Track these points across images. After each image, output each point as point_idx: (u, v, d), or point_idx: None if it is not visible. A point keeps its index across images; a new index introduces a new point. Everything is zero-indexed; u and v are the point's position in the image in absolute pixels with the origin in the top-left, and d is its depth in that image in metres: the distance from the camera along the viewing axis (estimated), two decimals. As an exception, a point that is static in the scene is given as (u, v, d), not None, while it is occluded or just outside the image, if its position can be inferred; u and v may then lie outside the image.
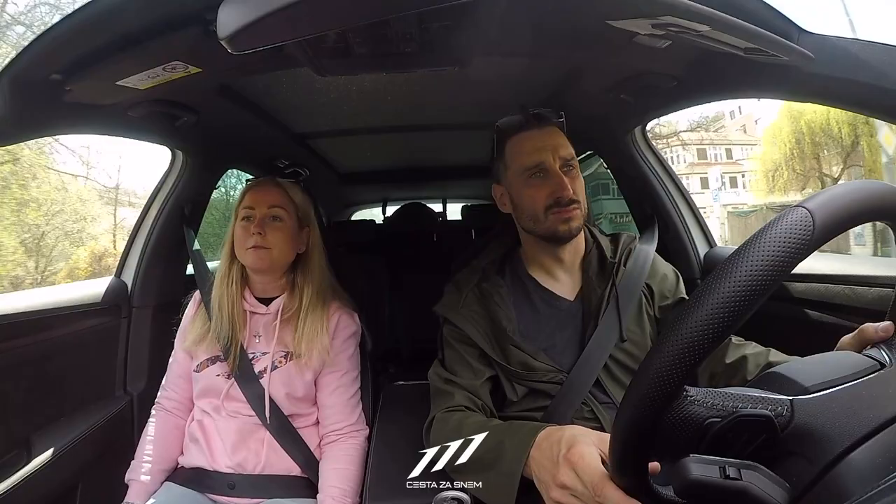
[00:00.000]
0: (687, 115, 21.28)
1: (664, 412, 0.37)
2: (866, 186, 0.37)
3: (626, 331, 0.83)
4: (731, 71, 0.80)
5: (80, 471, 1.04)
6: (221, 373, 0.97)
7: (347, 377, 1.02)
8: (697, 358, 0.34)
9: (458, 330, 0.86)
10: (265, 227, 0.96)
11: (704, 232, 1.34)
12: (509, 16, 0.72)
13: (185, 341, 1.02)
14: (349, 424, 1.00)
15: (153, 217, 1.31)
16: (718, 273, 0.34)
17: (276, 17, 0.47)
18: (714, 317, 0.33)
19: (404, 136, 1.69)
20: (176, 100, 0.98)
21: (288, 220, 0.99)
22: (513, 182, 0.86)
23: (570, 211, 0.81)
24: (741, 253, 0.34)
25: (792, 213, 0.34)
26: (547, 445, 0.60)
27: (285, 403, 0.97)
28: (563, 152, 0.84)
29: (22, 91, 0.69)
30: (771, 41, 0.61)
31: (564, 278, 0.89)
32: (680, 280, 0.92)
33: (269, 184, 1.02)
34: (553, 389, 0.81)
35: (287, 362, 0.98)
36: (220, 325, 0.98)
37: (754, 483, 0.35)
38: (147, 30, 0.64)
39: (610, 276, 0.86)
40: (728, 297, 0.33)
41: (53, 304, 1.04)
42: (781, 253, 0.33)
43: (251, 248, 0.95)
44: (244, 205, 0.99)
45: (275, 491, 0.94)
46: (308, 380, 0.98)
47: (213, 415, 0.97)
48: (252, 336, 1.00)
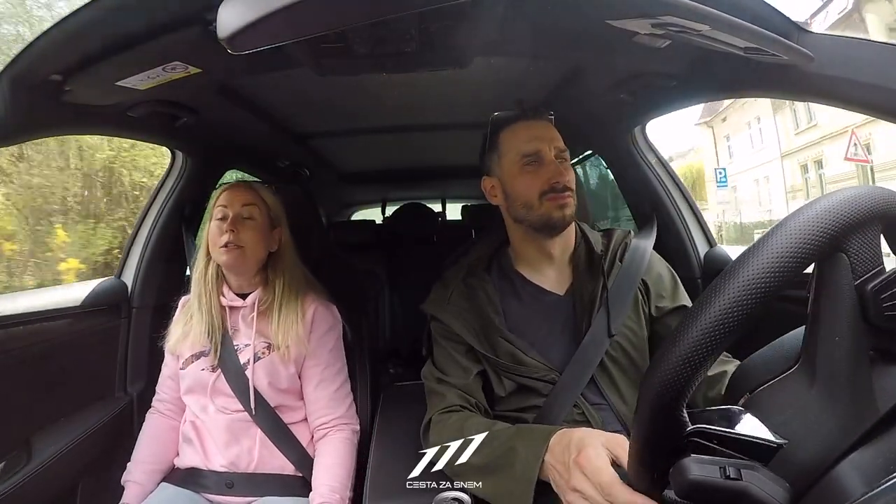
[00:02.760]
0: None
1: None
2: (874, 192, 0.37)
3: (623, 327, 0.82)
4: (730, 70, 0.80)
5: (80, 471, 1.04)
6: (206, 367, 0.99)
7: (330, 370, 1.03)
8: (705, 363, 0.34)
9: (444, 326, 0.86)
10: (238, 225, 0.99)
11: (704, 232, 1.34)
12: (509, 16, 0.72)
13: (170, 340, 1.04)
14: (336, 417, 1.01)
15: (153, 217, 1.31)
16: (726, 275, 0.34)
17: (276, 17, 0.47)
18: (719, 320, 0.33)
19: (404, 136, 1.69)
20: (176, 100, 0.98)
21: (260, 218, 1.02)
22: (507, 171, 0.86)
23: (564, 197, 0.81)
24: (746, 258, 0.34)
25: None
26: (559, 449, 0.60)
27: (269, 393, 0.98)
28: (558, 143, 0.85)
29: (22, 91, 0.69)
30: (771, 40, 0.61)
31: (552, 273, 0.88)
32: (678, 283, 0.90)
33: (241, 185, 1.07)
34: (544, 388, 0.80)
35: (270, 353, 1.00)
36: (200, 321, 1.00)
37: (754, 483, 0.35)
38: (147, 30, 0.64)
39: (600, 270, 0.86)
40: (732, 302, 0.33)
41: (54, 304, 1.05)
42: (786, 259, 0.33)
43: (224, 246, 0.97)
44: (218, 204, 1.02)
45: (269, 489, 0.95)
46: (291, 372, 1.00)
47: (202, 414, 0.98)
48: (233, 329, 1.02)
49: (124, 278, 1.28)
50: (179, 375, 1.02)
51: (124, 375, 1.24)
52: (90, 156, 6.17)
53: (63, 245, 5.84)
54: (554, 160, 0.83)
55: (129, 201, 6.41)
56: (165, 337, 1.06)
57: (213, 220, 1.02)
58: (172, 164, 1.32)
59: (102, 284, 1.22)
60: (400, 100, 1.28)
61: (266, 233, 1.03)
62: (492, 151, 0.89)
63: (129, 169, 6.42)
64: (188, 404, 1.01)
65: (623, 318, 0.83)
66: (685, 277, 0.93)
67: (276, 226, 1.06)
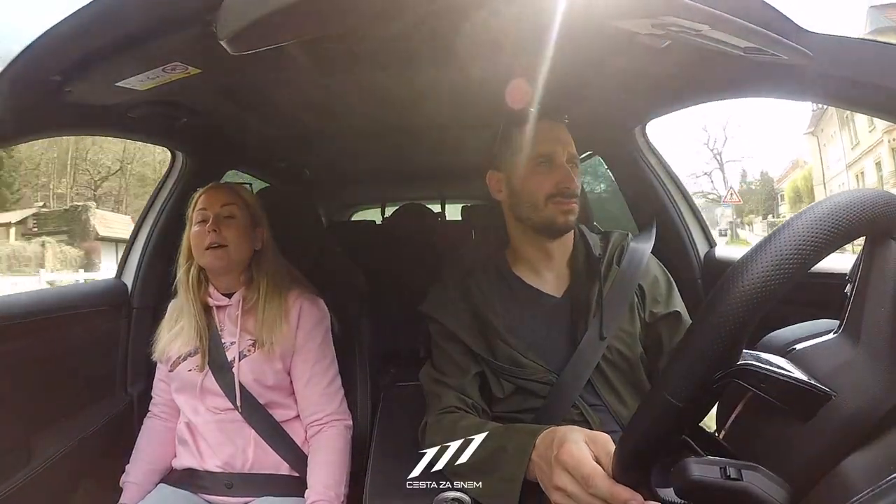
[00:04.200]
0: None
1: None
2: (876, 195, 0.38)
3: (619, 330, 0.82)
4: (731, 71, 0.80)
5: (80, 471, 1.04)
6: (193, 367, 0.99)
7: (320, 366, 1.03)
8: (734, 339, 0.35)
9: (443, 327, 0.86)
10: (220, 225, 0.99)
11: (704, 232, 1.34)
12: (509, 16, 0.72)
13: (158, 343, 1.04)
14: (328, 413, 1.01)
15: (153, 218, 1.31)
16: (730, 277, 0.35)
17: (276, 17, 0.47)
18: (741, 308, 0.34)
19: (404, 136, 1.69)
20: (176, 100, 0.98)
21: (241, 217, 1.02)
22: (517, 168, 0.86)
23: (570, 203, 0.82)
24: (745, 264, 0.35)
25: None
26: (544, 448, 0.60)
27: (257, 390, 0.98)
28: (571, 149, 0.86)
29: (22, 91, 0.69)
30: (771, 40, 0.61)
31: (550, 276, 0.88)
32: (673, 289, 0.90)
33: (218, 186, 1.08)
34: (542, 390, 0.80)
35: (255, 350, 1.00)
36: (188, 322, 1.01)
37: (755, 483, 0.36)
38: (147, 30, 0.64)
39: (598, 273, 0.85)
40: (741, 302, 0.34)
41: (54, 304, 1.05)
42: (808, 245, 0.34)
43: (208, 247, 0.97)
44: (198, 208, 1.02)
45: (267, 490, 0.95)
46: (278, 368, 1.00)
47: (194, 416, 0.99)
48: (221, 328, 1.02)
49: (124, 278, 1.28)
50: (169, 377, 1.03)
51: (124, 376, 1.24)
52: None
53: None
54: (565, 164, 0.83)
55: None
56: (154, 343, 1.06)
57: (194, 225, 1.01)
58: (172, 165, 1.33)
59: (102, 284, 1.22)
60: (400, 100, 1.27)
61: (248, 231, 1.03)
62: (504, 145, 0.89)
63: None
64: (180, 405, 1.02)
65: (619, 321, 0.83)
66: (685, 278, 0.93)
67: (257, 224, 1.06)
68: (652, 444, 0.40)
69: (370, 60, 0.86)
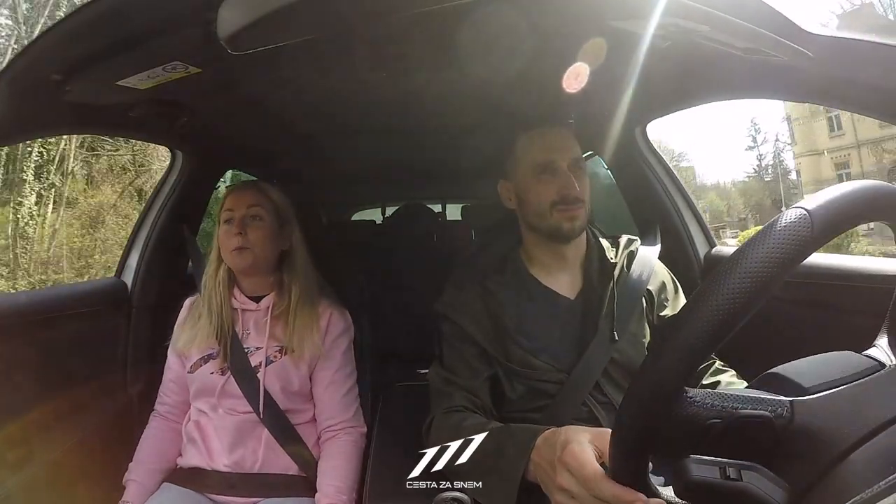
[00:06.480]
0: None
1: (664, 413, 0.37)
2: (865, 186, 0.37)
3: (629, 333, 0.83)
4: (731, 71, 0.80)
5: (80, 471, 1.04)
6: (215, 370, 0.98)
7: (341, 373, 1.03)
8: (697, 359, 0.35)
9: (458, 327, 0.86)
10: (246, 227, 0.99)
11: (704, 232, 1.34)
12: (509, 16, 0.72)
13: (178, 342, 1.03)
14: (344, 420, 1.01)
15: (153, 217, 1.31)
16: (717, 274, 0.35)
17: (276, 17, 0.47)
18: (714, 318, 0.34)
19: (404, 136, 1.68)
20: (176, 100, 0.98)
21: (267, 218, 1.02)
22: (521, 178, 0.87)
23: (574, 209, 0.82)
24: (740, 254, 0.34)
25: (790, 214, 0.35)
26: (546, 449, 0.60)
27: (281, 397, 0.98)
28: (573, 153, 0.85)
29: (22, 91, 0.69)
30: (771, 40, 0.61)
31: (565, 277, 0.89)
32: (679, 292, 0.92)
33: (247, 185, 1.08)
34: (552, 389, 0.81)
35: (282, 357, 0.99)
36: (208, 323, 1.00)
37: (754, 484, 0.35)
38: (147, 30, 0.64)
39: (610, 277, 0.87)
40: (727, 298, 0.33)
41: (53, 304, 1.04)
42: (780, 253, 0.33)
43: (234, 249, 0.97)
44: (225, 208, 1.02)
45: (274, 490, 0.94)
46: (303, 373, 1.00)
47: (210, 413, 0.98)
48: (244, 332, 1.01)
49: (124, 278, 1.28)
50: (188, 379, 1.01)
51: (124, 375, 1.23)
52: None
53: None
54: (566, 171, 0.83)
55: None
56: (171, 338, 1.05)
57: (222, 225, 1.01)
58: (172, 164, 1.32)
59: (102, 283, 1.22)
60: (400, 100, 1.27)
61: (275, 232, 1.02)
62: (510, 156, 0.90)
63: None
64: (195, 406, 1.01)
65: (629, 324, 0.84)
66: (685, 278, 0.93)
67: (285, 224, 1.05)
68: (634, 446, 0.40)
69: (370, 61, 0.86)
